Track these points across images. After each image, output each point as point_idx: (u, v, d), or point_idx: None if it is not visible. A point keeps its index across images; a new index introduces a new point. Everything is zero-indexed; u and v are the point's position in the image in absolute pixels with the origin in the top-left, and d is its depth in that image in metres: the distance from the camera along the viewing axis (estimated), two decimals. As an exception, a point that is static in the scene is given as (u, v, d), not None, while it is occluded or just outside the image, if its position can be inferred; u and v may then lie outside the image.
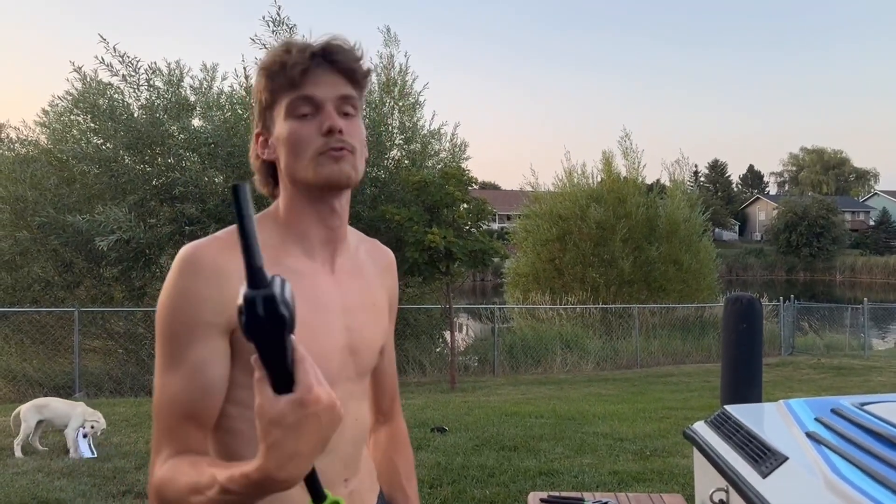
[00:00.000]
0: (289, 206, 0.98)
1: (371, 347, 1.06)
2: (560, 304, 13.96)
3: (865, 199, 61.55)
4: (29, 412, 4.65)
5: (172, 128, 9.51)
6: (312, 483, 0.77)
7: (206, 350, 0.89)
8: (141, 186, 9.39)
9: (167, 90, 9.77)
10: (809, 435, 1.64)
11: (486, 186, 56.12)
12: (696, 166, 67.65)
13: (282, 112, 0.94)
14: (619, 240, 15.11)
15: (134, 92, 9.74)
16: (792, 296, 14.14)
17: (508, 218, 32.73)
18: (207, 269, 0.89)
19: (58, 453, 4.67)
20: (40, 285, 9.74)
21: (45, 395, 5.90)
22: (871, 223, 55.19)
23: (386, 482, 1.20)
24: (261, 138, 0.99)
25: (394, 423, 1.25)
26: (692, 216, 16.16)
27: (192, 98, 10.06)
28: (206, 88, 10.26)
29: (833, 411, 1.82)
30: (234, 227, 0.96)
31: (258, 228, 0.93)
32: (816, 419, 1.76)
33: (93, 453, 4.61)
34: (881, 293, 34.41)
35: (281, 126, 0.94)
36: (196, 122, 9.88)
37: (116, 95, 9.64)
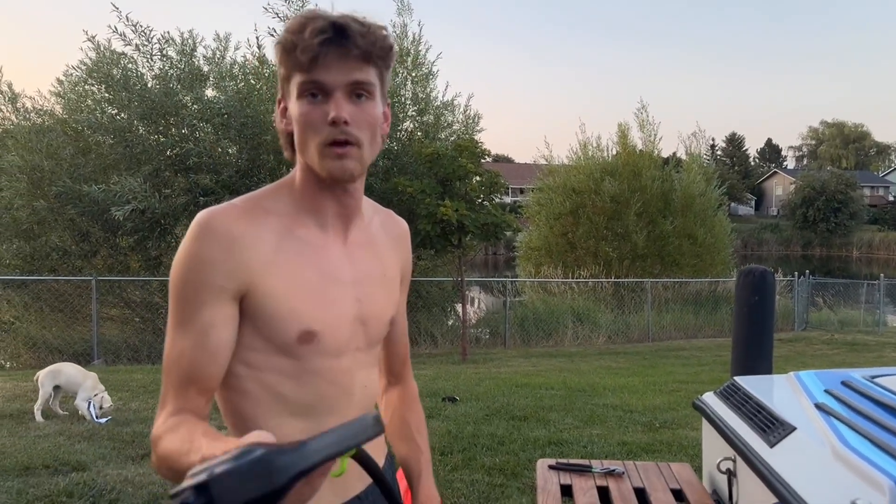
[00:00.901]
0: (303, 179, 0.99)
1: (381, 318, 1.08)
2: (572, 278, 13.95)
3: (886, 174, 60.47)
4: (46, 378, 4.76)
5: (186, 98, 9.51)
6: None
7: (215, 313, 0.92)
8: (155, 157, 9.43)
9: (180, 60, 9.75)
10: (818, 406, 1.64)
11: (499, 159, 55.74)
12: (713, 140, 66.67)
13: (294, 90, 0.94)
14: (633, 214, 15.00)
15: (147, 62, 9.74)
16: (807, 271, 14.02)
17: (521, 191, 32.61)
18: (221, 235, 0.91)
19: (78, 418, 4.78)
20: (58, 254, 9.88)
21: (65, 362, 6.03)
22: (891, 198, 54.30)
23: (398, 437, 1.23)
24: (281, 105, 1.00)
25: (405, 383, 1.28)
26: (708, 190, 15.99)
27: (206, 68, 10.03)
28: (219, 58, 10.21)
29: (843, 383, 1.82)
30: (251, 195, 0.99)
31: (273, 197, 1.00)
32: (826, 391, 1.77)
33: (98, 420, 4.72)
34: (898, 269, 33.95)
35: (293, 104, 0.94)
36: (209, 92, 9.87)
37: (130, 65, 9.63)
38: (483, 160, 9.69)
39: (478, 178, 9.24)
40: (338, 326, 0.99)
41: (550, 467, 2.12)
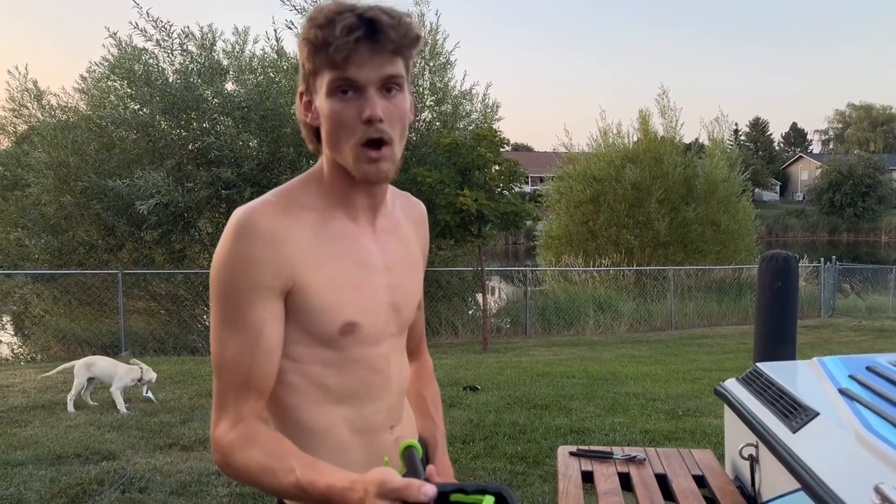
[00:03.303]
0: (332, 174, 0.99)
1: (411, 304, 1.10)
2: (593, 267, 13.86)
3: (916, 157, 58.96)
4: (80, 369, 4.88)
5: (206, 92, 9.60)
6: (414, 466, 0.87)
7: (266, 312, 0.92)
8: (177, 151, 9.55)
9: (200, 54, 9.84)
10: (842, 391, 1.62)
11: (518, 148, 55.42)
12: (736, 125, 65.49)
13: (324, 86, 0.92)
14: (654, 201, 14.84)
15: (168, 57, 9.85)
16: (833, 257, 13.78)
17: (541, 180, 32.38)
18: (264, 233, 0.91)
19: (107, 408, 4.89)
20: (85, 248, 10.07)
21: (94, 354, 6.15)
22: (922, 182, 52.99)
23: (415, 411, 1.26)
24: (304, 98, 0.98)
25: (420, 360, 1.30)
26: (731, 176, 15.75)
27: (225, 62, 10.12)
28: (238, 52, 10.30)
29: (868, 368, 1.80)
30: (283, 189, 1.00)
31: (304, 191, 1.00)
32: (850, 376, 1.75)
33: (153, 399, 5.07)
34: (929, 254, 33.20)
35: (322, 101, 0.93)
36: (229, 86, 9.96)
37: (151, 60, 9.75)
38: (502, 149, 9.65)
39: (497, 168, 9.21)
40: (375, 315, 1.02)
41: (571, 454, 2.13)
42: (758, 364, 1.97)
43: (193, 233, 9.87)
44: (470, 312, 11.75)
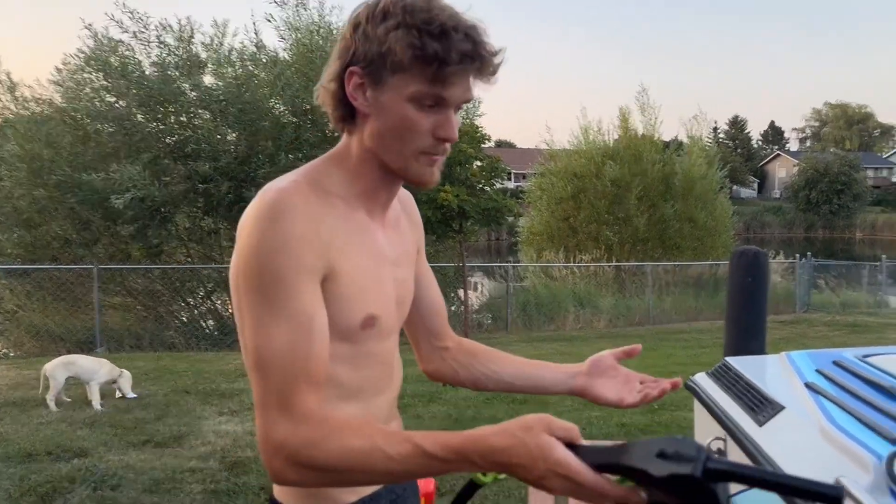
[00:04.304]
0: (362, 163, 0.95)
1: (409, 297, 1.09)
2: (574, 263, 13.95)
3: (889, 156, 60.12)
4: (57, 369, 4.80)
5: (184, 85, 9.49)
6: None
7: (313, 296, 0.86)
8: (154, 144, 9.43)
9: (178, 47, 9.72)
10: (808, 385, 1.65)
11: (500, 144, 55.54)
12: (715, 122, 66.25)
13: (406, 91, 0.87)
14: (634, 198, 14.98)
15: (145, 49, 9.73)
16: (808, 253, 14.00)
17: (524, 177, 32.51)
18: (304, 212, 0.86)
19: (80, 405, 4.82)
20: (59, 243, 9.91)
21: (68, 350, 6.05)
22: (895, 179, 54.04)
23: (518, 364, 1.23)
24: (356, 79, 0.89)
25: (456, 338, 1.23)
26: (709, 173, 15.94)
27: (203, 55, 10.00)
28: (216, 45, 10.17)
29: (835, 363, 1.82)
30: (306, 172, 0.94)
31: (328, 176, 0.95)
32: (817, 370, 1.77)
33: (131, 395, 5.02)
34: (901, 251, 33.87)
35: (396, 102, 0.88)
36: (207, 79, 9.84)
37: (128, 53, 9.62)
38: (484, 145, 9.65)
39: (478, 163, 9.22)
40: (389, 309, 1.00)
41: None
42: (727, 358, 1.98)
43: (170, 227, 9.76)
44: (452, 308, 11.77)
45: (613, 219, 15.22)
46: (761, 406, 1.60)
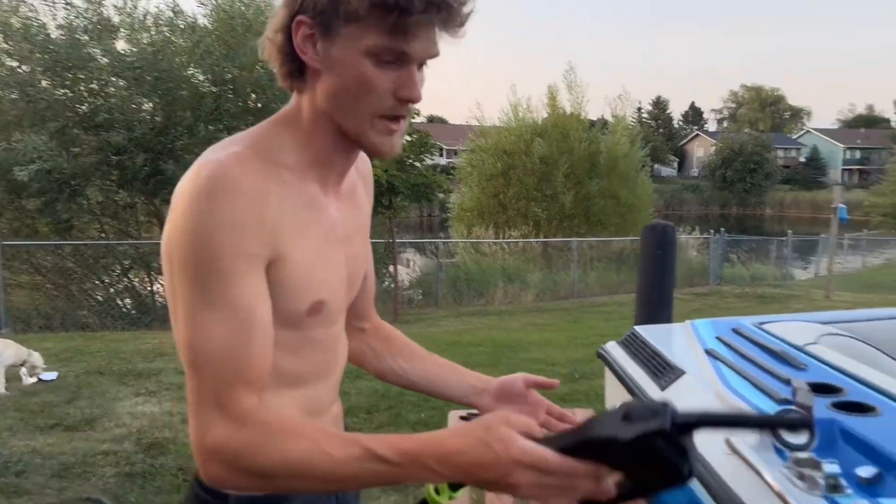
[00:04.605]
0: (315, 126, 0.84)
1: (360, 274, 1.01)
2: (503, 239, 14.15)
3: (798, 137, 63.71)
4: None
5: (94, 50, 8.94)
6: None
7: (255, 286, 0.77)
8: (62, 113, 8.86)
9: (87, 9, 9.12)
10: (708, 352, 1.74)
11: (433, 120, 55.29)
12: (639, 102, 68.38)
13: (362, 43, 0.77)
14: (561, 175, 15.29)
15: (50, 10, 9.07)
16: (722, 229, 14.73)
17: (455, 153, 32.54)
18: (248, 191, 0.76)
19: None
20: (-43, 218, 9.22)
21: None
22: (802, 160, 57.45)
23: (422, 358, 1.15)
24: (304, 30, 0.79)
25: (379, 322, 1.17)
26: (632, 152, 16.44)
27: (116, 19, 9.44)
28: (130, 9, 9.60)
29: (733, 330, 1.94)
30: (252, 139, 0.83)
31: (277, 144, 0.83)
32: (717, 337, 1.88)
33: (48, 377, 4.77)
34: (807, 227, 36.09)
35: (352, 56, 0.77)
36: (120, 44, 9.31)
37: (31, 14, 8.97)
38: (414, 119, 9.59)
39: (408, 138, 9.15)
40: (337, 291, 0.92)
41: (462, 418, 2.17)
42: (636, 327, 2.08)
43: (81, 201, 9.24)
44: (383, 285, 11.73)
45: (542, 196, 15.50)
46: (664, 371, 1.69)
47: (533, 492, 0.67)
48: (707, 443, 1.33)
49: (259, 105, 8.71)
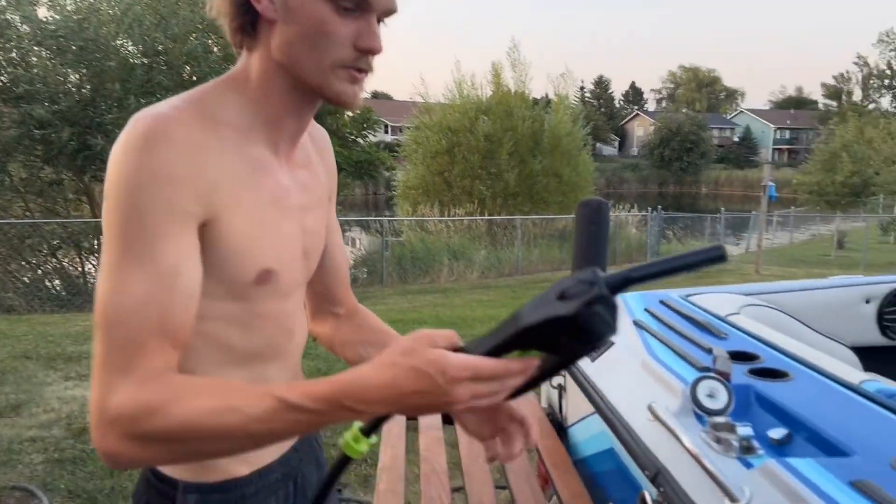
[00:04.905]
0: (266, 84, 0.80)
1: (318, 249, 0.96)
2: (448, 217, 14.19)
3: (732, 117, 65.99)
4: None
5: (13, 17, 8.40)
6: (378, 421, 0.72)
7: (184, 245, 0.73)
8: (-22, 83, 8.32)
9: (3, -28, 8.53)
10: (636, 323, 1.80)
11: (378, 96, 54.60)
12: (582, 81, 69.28)
13: None
14: (505, 153, 15.37)
15: (-40, -28, 8.43)
16: (659, 207, 15.19)
17: (401, 130, 32.27)
18: (183, 145, 0.72)
19: None
20: None
21: None
22: (736, 139, 59.61)
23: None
24: None
25: (356, 309, 1.10)
26: (574, 130, 16.66)
27: (36, -17, 8.86)
28: (51, -27, 9.04)
29: (661, 302, 2.00)
30: (193, 97, 0.79)
31: (220, 103, 0.79)
32: (645, 309, 1.94)
33: None
34: (739, 204, 37.61)
35: (312, 4, 0.75)
36: (42, 11, 8.78)
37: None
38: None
39: (349, 114, 9.01)
40: (290, 263, 0.86)
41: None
42: (571, 302, 2.12)
43: (3, 178, 8.73)
44: (327, 263, 11.60)
45: (486, 173, 15.57)
46: (595, 344, 1.74)
47: (470, 403, 0.64)
48: (631, 410, 1.38)
49: (195, 78, 8.37)
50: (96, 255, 9.03)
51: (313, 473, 1.01)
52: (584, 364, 1.70)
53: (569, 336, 0.63)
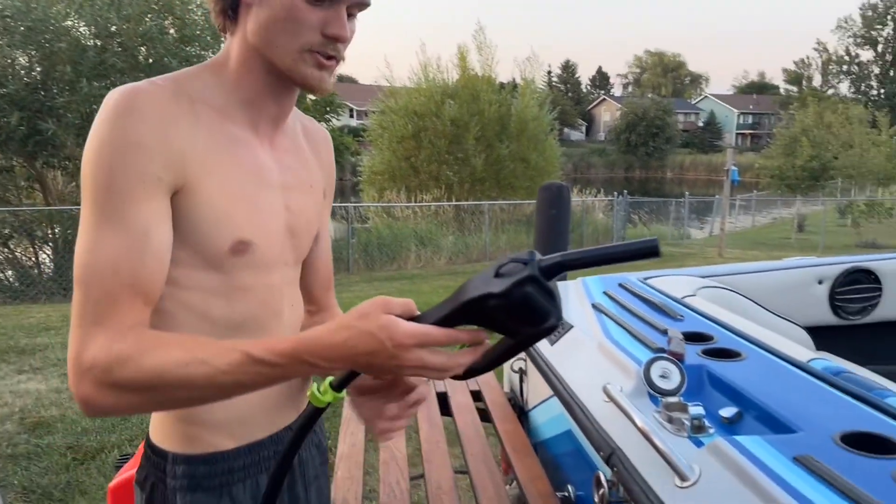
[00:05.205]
0: (243, 67, 0.85)
1: (309, 231, 0.98)
2: (415, 202, 14.12)
3: (697, 102, 66.90)
4: None
5: (-45, -4, 8.01)
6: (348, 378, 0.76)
7: (153, 209, 0.77)
8: (-82, 66, 7.94)
9: (-57, -52, 8.12)
10: (594, 306, 1.80)
11: (342, 79, 53.86)
12: (549, 66, 69.45)
13: None
14: (472, 138, 15.32)
15: None
16: (624, 191, 15.36)
17: (366, 114, 31.94)
18: (154, 116, 0.77)
19: None
20: None
21: None
22: (700, 124, 60.52)
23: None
24: None
25: (331, 312, 1.14)
26: (541, 115, 16.67)
27: (-21, -40, 8.45)
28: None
29: (620, 285, 2.01)
30: (170, 76, 0.84)
31: (197, 82, 0.84)
32: (604, 292, 1.94)
33: None
34: (704, 188, 38.30)
35: None
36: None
37: None
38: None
39: (311, 98, 8.87)
40: (269, 237, 0.89)
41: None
42: (531, 285, 2.12)
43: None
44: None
45: (453, 158, 15.50)
46: (554, 327, 1.74)
47: (419, 371, 0.70)
48: (587, 393, 1.38)
49: (150, 60, 8.11)
50: (50, 244, 8.76)
51: (316, 457, 1.06)
52: (544, 347, 1.70)
53: (505, 314, 0.65)
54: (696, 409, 1.15)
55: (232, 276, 0.86)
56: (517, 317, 0.66)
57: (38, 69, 8.16)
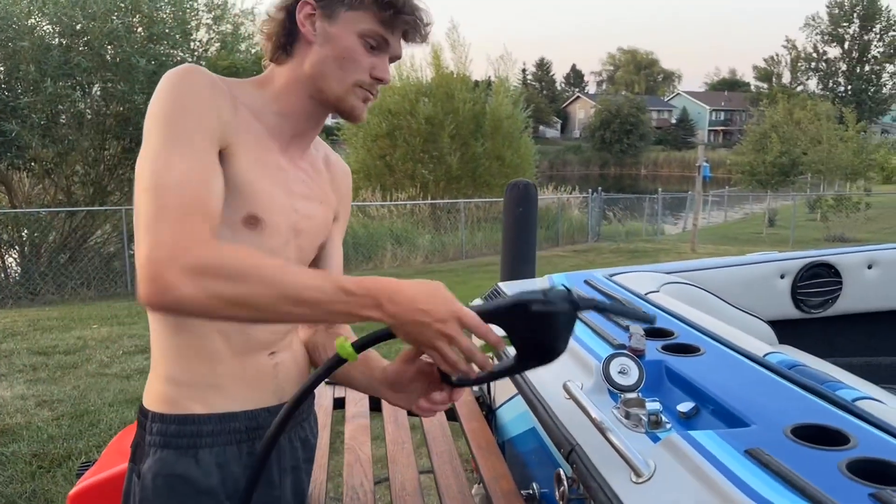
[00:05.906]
0: (289, 88, 1.00)
1: (314, 234, 1.08)
2: (391, 201, 14.08)
3: (670, 99, 67.74)
4: None
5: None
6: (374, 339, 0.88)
7: (213, 155, 0.89)
8: None
9: None
10: (559, 303, 1.80)
11: (317, 79, 53.46)
12: (524, 64, 69.69)
13: (357, 26, 0.96)
14: (447, 136, 15.32)
15: None
16: (599, 188, 15.48)
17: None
18: (209, 83, 0.91)
19: None
20: None
21: None
22: (673, 121, 61.27)
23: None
24: (309, 9, 0.97)
25: (339, 327, 1.17)
26: (515, 113, 16.72)
27: (-63, -43, 8.21)
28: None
29: (585, 281, 2.02)
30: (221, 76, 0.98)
31: (240, 88, 0.98)
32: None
33: None
34: (677, 184, 38.77)
35: (346, 34, 0.96)
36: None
37: None
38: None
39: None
40: (277, 225, 0.99)
41: (327, 383, 2.15)
42: (499, 283, 2.12)
43: None
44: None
45: (428, 157, 15.49)
46: (518, 324, 1.74)
47: (448, 343, 0.84)
48: (549, 390, 1.38)
49: (118, 60, 7.96)
50: (17, 247, 8.56)
51: (299, 450, 1.12)
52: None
53: (538, 322, 0.82)
54: (653, 405, 1.16)
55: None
56: (544, 329, 0.83)
57: (1, 68, 7.97)
